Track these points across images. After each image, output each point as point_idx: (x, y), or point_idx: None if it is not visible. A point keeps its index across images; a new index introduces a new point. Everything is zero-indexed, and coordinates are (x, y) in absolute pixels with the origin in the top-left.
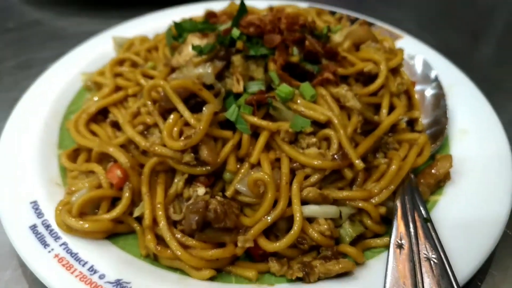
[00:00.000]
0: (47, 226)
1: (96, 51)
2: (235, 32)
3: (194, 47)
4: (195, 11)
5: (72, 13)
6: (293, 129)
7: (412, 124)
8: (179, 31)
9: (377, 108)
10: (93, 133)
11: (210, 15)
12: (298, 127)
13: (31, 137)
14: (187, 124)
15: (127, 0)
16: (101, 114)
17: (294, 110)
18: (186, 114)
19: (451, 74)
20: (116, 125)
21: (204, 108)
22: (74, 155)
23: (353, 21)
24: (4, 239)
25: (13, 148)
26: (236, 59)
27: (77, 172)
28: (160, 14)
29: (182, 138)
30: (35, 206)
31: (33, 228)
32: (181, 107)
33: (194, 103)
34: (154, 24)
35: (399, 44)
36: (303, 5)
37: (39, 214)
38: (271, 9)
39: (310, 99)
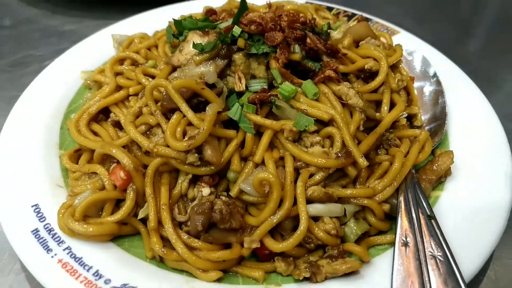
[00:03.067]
0: (50, 230)
1: (95, 48)
2: (236, 30)
3: (195, 45)
4: (194, 8)
5: (68, 10)
6: (297, 128)
7: (410, 119)
8: (179, 29)
9: (377, 104)
10: (95, 133)
11: (210, 12)
12: (302, 126)
13: (31, 137)
14: (190, 124)
15: None
16: (103, 114)
17: (297, 109)
18: (189, 114)
19: (448, 69)
20: (118, 125)
21: (207, 108)
22: (75, 155)
23: (350, 17)
24: (5, 242)
25: (12, 149)
26: (238, 57)
27: (79, 174)
28: (159, 11)
29: (186, 138)
30: (37, 209)
31: (35, 232)
32: (184, 107)
33: (197, 102)
34: (153, 21)
35: (396, 39)
36: (301, 2)
37: (41, 217)
38: (269, 5)
39: (313, 97)
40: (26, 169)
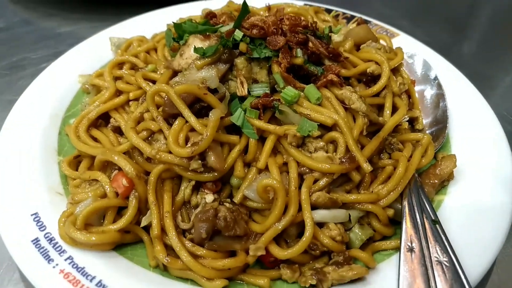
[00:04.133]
0: (50, 240)
1: (93, 52)
2: (238, 33)
3: (196, 50)
4: (192, 10)
5: (64, 13)
6: (300, 133)
7: (412, 122)
8: (179, 32)
9: (379, 108)
10: (95, 139)
11: (210, 15)
12: (305, 131)
13: (29, 143)
14: (192, 129)
15: None
16: (102, 119)
17: (300, 113)
18: (192, 119)
19: (448, 72)
20: (118, 130)
21: (210, 114)
22: (75, 162)
23: (349, 19)
24: (3, 252)
25: (10, 156)
26: (240, 61)
27: (79, 181)
28: (156, 13)
29: (189, 144)
30: (37, 218)
31: (36, 242)
32: (186, 112)
33: (199, 107)
34: (151, 24)
35: (395, 41)
36: (299, 4)
37: (41, 226)
38: (269, 8)
39: (316, 101)
40: (24, 177)
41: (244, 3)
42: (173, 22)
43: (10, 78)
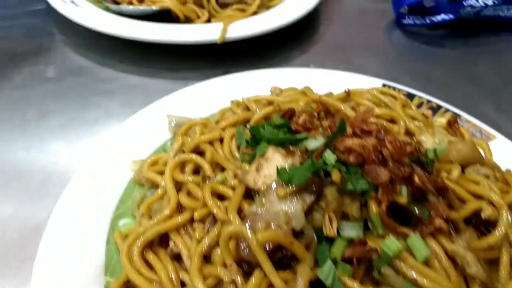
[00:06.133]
0: None
1: (146, 129)
2: (330, 157)
3: (281, 174)
4: (255, 79)
5: (117, 63)
6: None
7: None
8: (256, 135)
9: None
10: (148, 263)
11: (288, 114)
12: None
13: (76, 260)
14: (270, 284)
15: (177, 48)
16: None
17: (402, 273)
18: (274, 277)
19: None
20: (177, 257)
21: (298, 275)
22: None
23: (434, 109)
24: None
25: (54, 274)
26: (330, 193)
27: None
28: (213, 82)
29: None
30: None
31: None
32: (268, 267)
33: (280, 256)
34: (209, 94)
35: (492, 146)
36: (377, 83)
37: None
38: (348, 94)
39: (423, 259)
40: None
41: (342, 121)
42: (249, 126)
43: (66, 141)
